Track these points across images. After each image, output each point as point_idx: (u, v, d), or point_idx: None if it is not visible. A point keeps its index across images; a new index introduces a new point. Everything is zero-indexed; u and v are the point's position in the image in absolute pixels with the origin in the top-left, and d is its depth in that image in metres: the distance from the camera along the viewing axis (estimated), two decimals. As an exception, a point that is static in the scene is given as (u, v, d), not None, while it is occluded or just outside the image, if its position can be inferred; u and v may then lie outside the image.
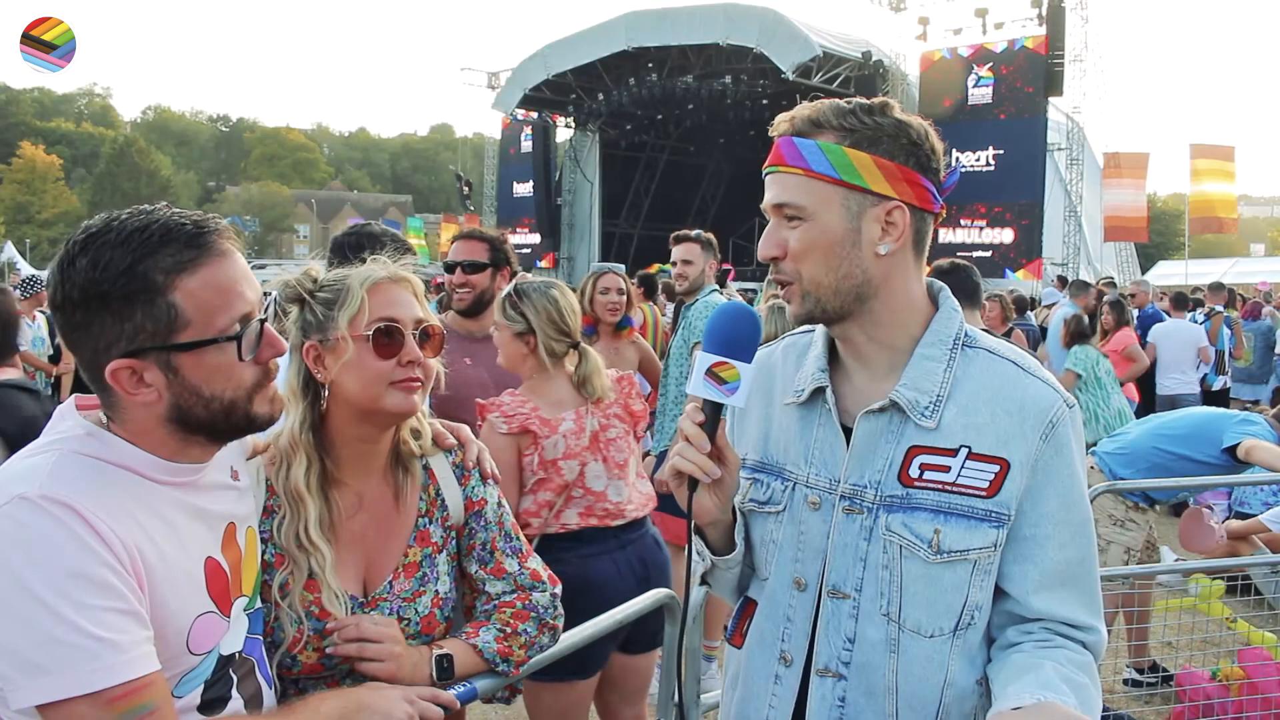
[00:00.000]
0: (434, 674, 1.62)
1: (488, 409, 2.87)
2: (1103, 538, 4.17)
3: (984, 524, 1.36)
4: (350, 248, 2.35)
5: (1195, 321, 10.22)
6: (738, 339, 1.39)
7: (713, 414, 1.39)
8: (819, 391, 1.47)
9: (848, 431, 1.44)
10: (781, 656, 1.46)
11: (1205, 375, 9.63)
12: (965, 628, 1.38)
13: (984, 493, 1.36)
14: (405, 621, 1.66)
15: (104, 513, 1.22)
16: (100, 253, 1.25)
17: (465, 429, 1.86)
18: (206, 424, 1.33)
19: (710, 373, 1.38)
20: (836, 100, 1.42)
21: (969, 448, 1.37)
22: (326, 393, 1.65)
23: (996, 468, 1.36)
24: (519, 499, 2.85)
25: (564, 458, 2.86)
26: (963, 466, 1.36)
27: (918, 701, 1.38)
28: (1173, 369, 9.14)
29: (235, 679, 1.43)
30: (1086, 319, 7.74)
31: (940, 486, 1.37)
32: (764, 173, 1.46)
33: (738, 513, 1.54)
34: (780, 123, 1.45)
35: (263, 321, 1.35)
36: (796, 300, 1.43)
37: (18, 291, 8.08)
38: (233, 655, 1.42)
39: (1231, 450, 4.03)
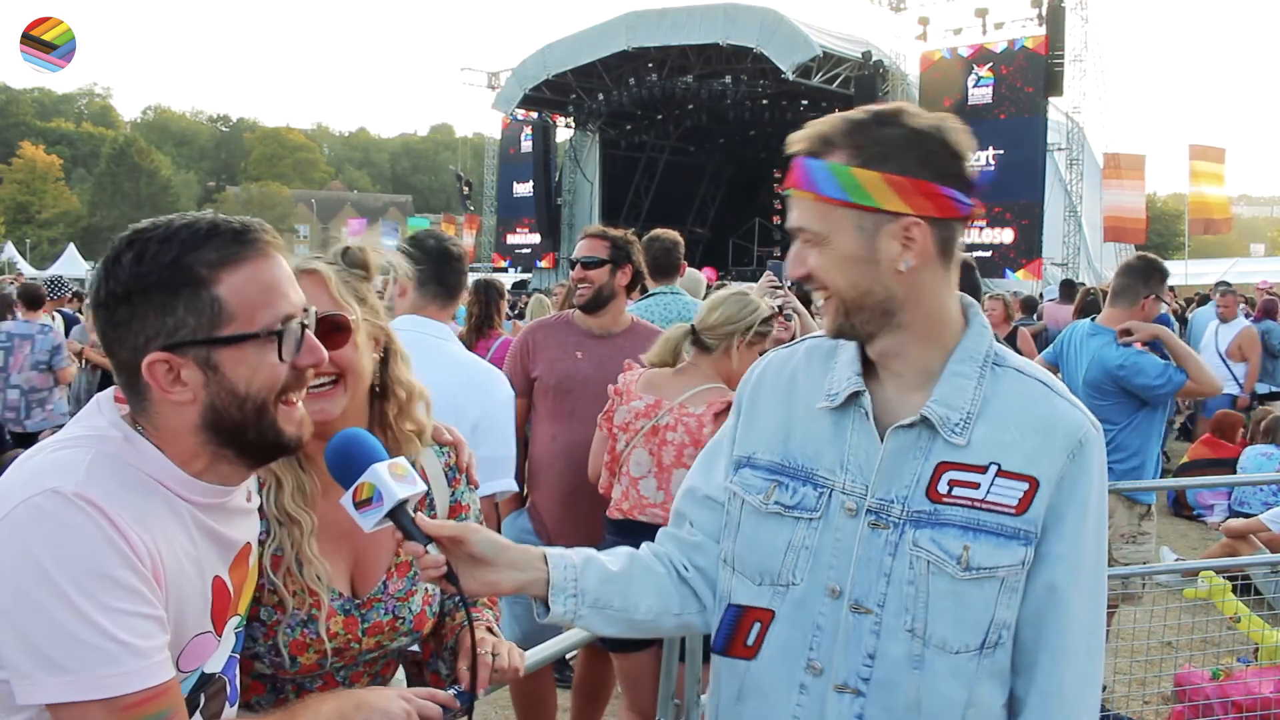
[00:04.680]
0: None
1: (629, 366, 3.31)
2: None
3: (1013, 541, 1.36)
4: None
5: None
6: (348, 464, 1.40)
7: (400, 522, 1.38)
8: (854, 396, 1.45)
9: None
10: (810, 666, 1.43)
11: None
12: (993, 646, 1.38)
13: (1013, 510, 1.36)
14: (400, 620, 1.66)
15: (133, 520, 1.21)
16: (145, 247, 1.25)
17: (458, 431, 1.86)
18: (239, 428, 1.30)
19: (358, 505, 1.38)
20: (849, 114, 1.40)
21: (999, 465, 1.37)
22: None
23: (1026, 485, 1.36)
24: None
25: (620, 428, 3.13)
26: (992, 483, 1.37)
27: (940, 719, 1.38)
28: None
29: (203, 699, 1.40)
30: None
31: (970, 503, 1.37)
32: (785, 192, 1.47)
33: (548, 573, 1.47)
34: (795, 141, 1.43)
35: (305, 326, 1.33)
36: (831, 314, 1.43)
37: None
38: (212, 675, 1.41)
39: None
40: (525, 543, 1.54)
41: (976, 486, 1.37)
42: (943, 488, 1.38)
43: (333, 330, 1.55)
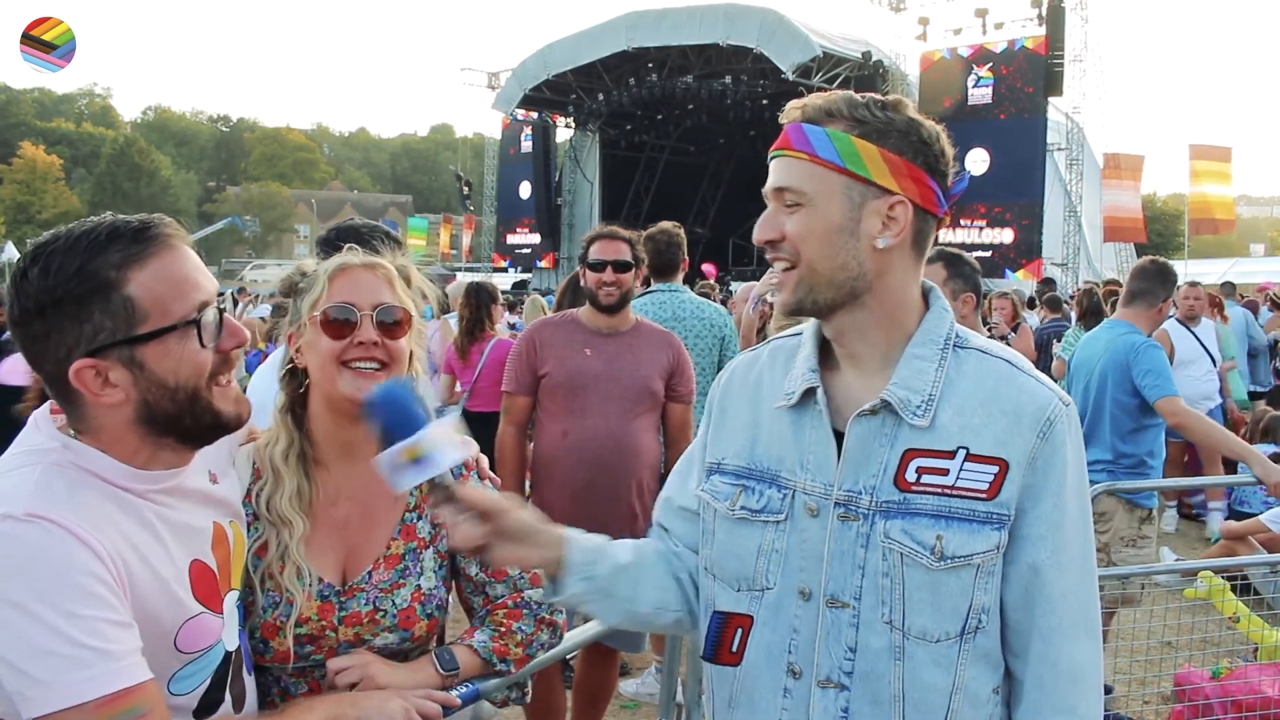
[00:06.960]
0: (439, 668, 1.64)
1: None
2: None
3: (985, 527, 1.34)
4: (332, 243, 2.41)
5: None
6: (395, 420, 1.36)
7: (439, 490, 1.37)
8: (810, 393, 1.44)
9: (840, 435, 1.41)
10: (790, 669, 1.42)
11: None
12: (973, 631, 1.36)
13: (984, 494, 1.34)
14: (381, 613, 1.66)
15: (90, 525, 1.23)
16: (50, 260, 1.26)
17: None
18: (174, 418, 1.33)
19: (399, 465, 1.33)
20: (850, 92, 1.41)
21: (967, 449, 1.35)
22: (308, 379, 1.69)
23: (996, 469, 1.34)
24: None
25: None
26: (961, 468, 1.34)
27: (926, 708, 1.36)
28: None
29: (229, 677, 1.45)
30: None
31: (940, 490, 1.35)
32: (769, 157, 1.45)
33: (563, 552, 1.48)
34: (791, 109, 1.43)
35: (221, 310, 1.37)
36: (789, 288, 1.41)
37: None
38: (231, 651, 1.45)
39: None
40: None
41: (946, 473, 1.35)
42: (911, 476, 1.36)
43: (393, 323, 1.65)
